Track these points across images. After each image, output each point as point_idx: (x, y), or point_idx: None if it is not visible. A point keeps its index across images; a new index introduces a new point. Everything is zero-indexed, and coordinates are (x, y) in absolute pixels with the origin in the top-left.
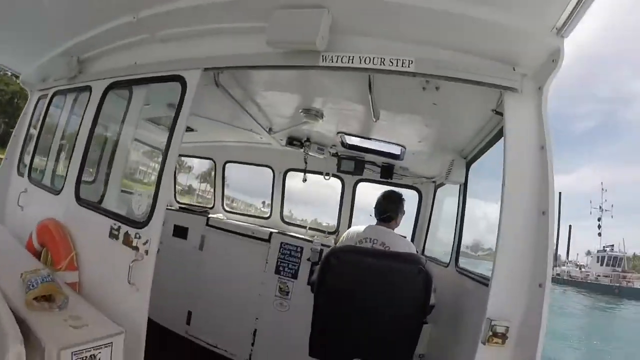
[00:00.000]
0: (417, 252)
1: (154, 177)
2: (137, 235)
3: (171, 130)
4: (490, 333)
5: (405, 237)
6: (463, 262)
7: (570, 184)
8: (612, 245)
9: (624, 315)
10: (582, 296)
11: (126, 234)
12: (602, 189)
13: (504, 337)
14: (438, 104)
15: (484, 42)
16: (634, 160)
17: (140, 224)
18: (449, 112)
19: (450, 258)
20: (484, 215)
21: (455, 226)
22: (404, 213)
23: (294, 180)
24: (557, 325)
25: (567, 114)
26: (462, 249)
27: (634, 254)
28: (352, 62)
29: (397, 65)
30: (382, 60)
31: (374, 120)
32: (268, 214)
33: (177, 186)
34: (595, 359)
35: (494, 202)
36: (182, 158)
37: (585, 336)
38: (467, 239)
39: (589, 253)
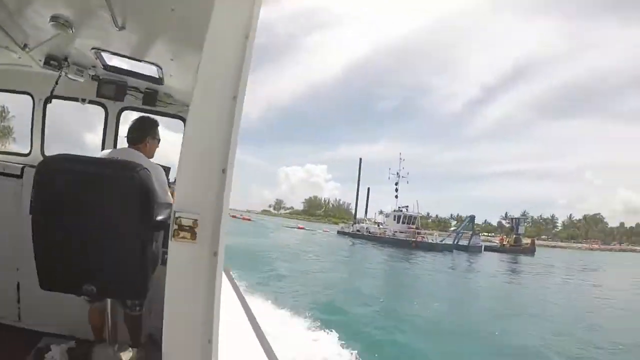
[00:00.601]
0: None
1: None
2: None
3: None
4: (176, 227)
5: (164, 168)
6: None
7: (371, 153)
8: (407, 206)
9: (424, 266)
10: (379, 250)
11: None
12: (400, 159)
13: (192, 230)
14: (176, 9)
15: None
16: (424, 139)
17: None
18: (185, 23)
19: None
20: None
21: None
22: (158, 140)
23: None
24: (375, 277)
25: (374, 93)
26: None
27: (422, 214)
28: None
29: None
30: None
31: (117, 29)
32: (28, 151)
33: None
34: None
35: None
36: None
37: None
38: None
39: (381, 212)
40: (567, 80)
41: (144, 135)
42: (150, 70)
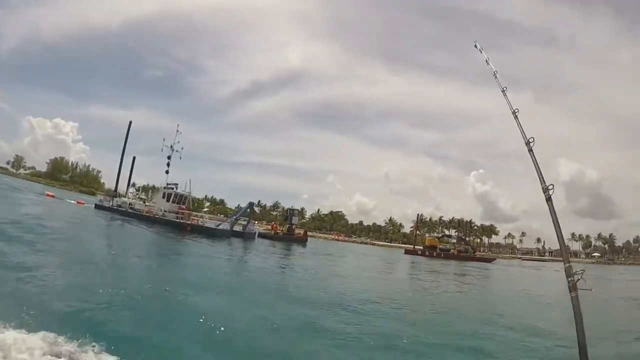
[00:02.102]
0: None
1: None
2: None
3: None
4: None
5: None
6: None
7: (126, 119)
8: (177, 184)
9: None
10: (151, 234)
11: None
12: (177, 131)
13: None
14: None
15: None
16: (184, 117)
17: None
18: None
19: None
20: None
21: None
22: None
23: None
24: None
25: (144, 58)
26: None
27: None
28: None
29: None
30: None
31: None
32: None
33: None
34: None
35: None
36: None
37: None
38: None
39: (133, 185)
40: (328, 98)
41: None
42: None
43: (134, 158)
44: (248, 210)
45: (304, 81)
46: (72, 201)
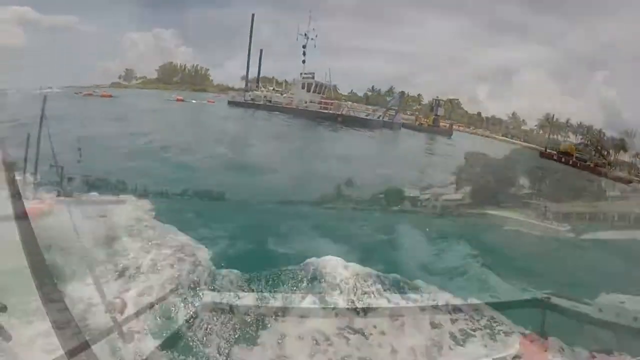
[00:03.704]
0: None
1: None
2: None
3: None
4: None
5: None
6: None
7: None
8: (314, 73)
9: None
10: (306, 124)
11: None
12: (310, 17)
13: None
14: None
15: None
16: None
17: None
18: None
19: None
20: None
21: None
22: None
23: None
24: None
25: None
26: None
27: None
28: None
29: None
30: None
31: None
32: None
33: None
34: None
35: None
36: None
37: None
38: None
39: (244, 78)
40: None
41: None
42: None
43: (261, 51)
44: (399, 99)
45: None
46: (195, 101)
